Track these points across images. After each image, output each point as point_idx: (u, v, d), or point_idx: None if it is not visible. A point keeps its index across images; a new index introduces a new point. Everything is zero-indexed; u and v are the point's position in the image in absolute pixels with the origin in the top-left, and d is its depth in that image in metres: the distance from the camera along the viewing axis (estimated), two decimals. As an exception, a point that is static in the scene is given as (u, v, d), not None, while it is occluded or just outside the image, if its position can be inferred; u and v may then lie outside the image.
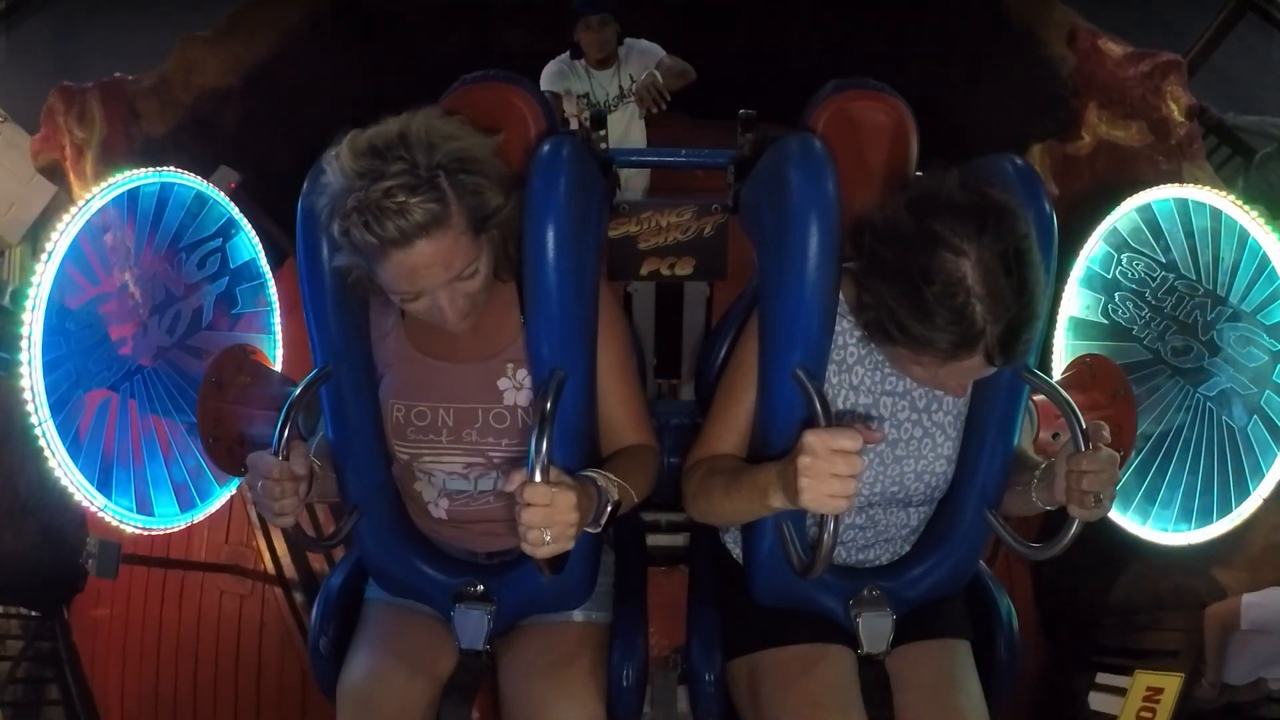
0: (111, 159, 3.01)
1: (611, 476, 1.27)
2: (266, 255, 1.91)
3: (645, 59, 3.26)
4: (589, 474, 1.24)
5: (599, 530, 1.25)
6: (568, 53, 3.27)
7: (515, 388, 1.37)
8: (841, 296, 1.32)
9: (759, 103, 1.72)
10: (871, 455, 1.35)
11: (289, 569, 3.17)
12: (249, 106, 3.65)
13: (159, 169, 1.50)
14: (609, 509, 1.24)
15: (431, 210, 1.13)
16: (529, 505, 1.10)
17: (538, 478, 1.09)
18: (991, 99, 3.77)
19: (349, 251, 1.19)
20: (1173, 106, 2.95)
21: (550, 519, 1.10)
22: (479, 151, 1.21)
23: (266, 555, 3.15)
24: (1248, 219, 1.44)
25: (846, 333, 1.34)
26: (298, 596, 3.18)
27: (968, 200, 1.13)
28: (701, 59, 3.18)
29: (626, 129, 3.35)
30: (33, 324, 1.30)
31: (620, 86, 3.32)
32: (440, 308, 1.21)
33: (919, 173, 1.38)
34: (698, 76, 3.16)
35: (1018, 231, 1.12)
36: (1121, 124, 3.07)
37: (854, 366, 1.35)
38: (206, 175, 1.82)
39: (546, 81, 3.25)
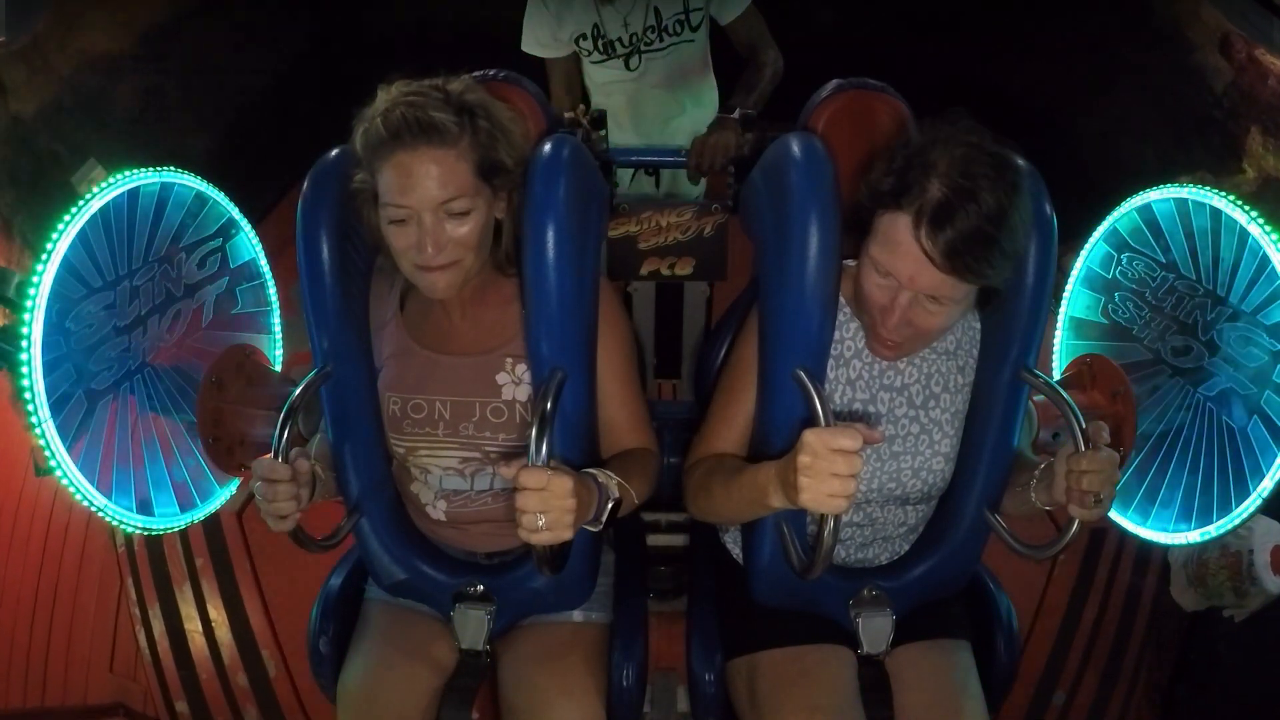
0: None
1: (611, 475, 1.27)
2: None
3: None
4: (588, 471, 1.24)
5: (599, 528, 1.25)
6: None
7: (514, 383, 1.37)
8: (841, 294, 1.32)
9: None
10: (868, 452, 1.35)
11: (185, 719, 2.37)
12: (150, 79, 2.70)
13: (159, 169, 1.50)
14: (610, 505, 1.24)
15: (445, 122, 1.20)
16: (524, 489, 1.10)
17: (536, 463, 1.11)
18: (1128, 115, 3.00)
19: (364, 164, 1.25)
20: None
21: (546, 503, 1.11)
22: (504, 118, 1.28)
23: (158, 696, 2.40)
24: (1248, 219, 1.44)
25: (843, 326, 1.34)
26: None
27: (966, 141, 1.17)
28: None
29: (634, 98, 2.30)
30: (33, 323, 1.30)
31: (654, 16, 2.15)
32: (424, 242, 1.22)
33: None
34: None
35: (1008, 169, 1.14)
36: (1292, 156, 2.27)
37: (851, 360, 1.35)
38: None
39: (528, 42, 2.23)
